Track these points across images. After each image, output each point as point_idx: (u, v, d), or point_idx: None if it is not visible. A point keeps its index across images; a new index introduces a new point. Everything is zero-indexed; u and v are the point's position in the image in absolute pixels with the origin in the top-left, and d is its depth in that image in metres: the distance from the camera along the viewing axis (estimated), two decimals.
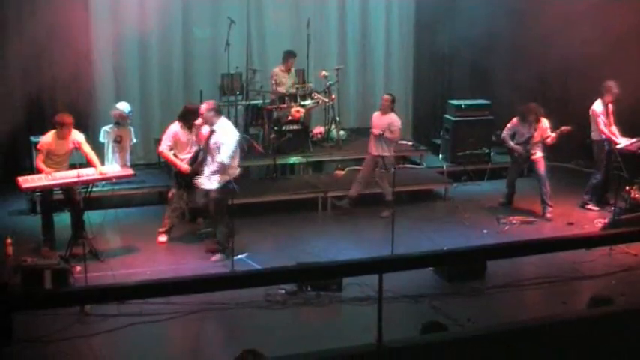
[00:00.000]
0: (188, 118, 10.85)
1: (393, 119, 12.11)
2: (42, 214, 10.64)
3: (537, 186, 12.24)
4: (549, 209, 12.14)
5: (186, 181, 10.76)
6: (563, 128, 12.00)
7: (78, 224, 10.17)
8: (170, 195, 10.96)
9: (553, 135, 12.03)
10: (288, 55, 13.84)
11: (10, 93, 12.73)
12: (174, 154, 10.78)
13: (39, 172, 10.16)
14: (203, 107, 10.33)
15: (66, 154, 10.36)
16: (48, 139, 10.29)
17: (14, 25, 12.76)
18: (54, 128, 10.31)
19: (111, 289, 4.65)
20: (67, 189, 10.38)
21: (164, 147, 10.82)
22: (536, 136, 12.17)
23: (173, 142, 10.79)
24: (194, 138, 10.79)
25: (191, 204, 11.16)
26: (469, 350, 4.98)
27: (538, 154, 12.29)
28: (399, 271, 5.00)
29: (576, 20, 12.79)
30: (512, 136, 12.41)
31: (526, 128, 12.26)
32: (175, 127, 10.84)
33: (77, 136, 10.42)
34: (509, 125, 12.46)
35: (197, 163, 10.72)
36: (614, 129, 12.28)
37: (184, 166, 10.70)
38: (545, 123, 12.17)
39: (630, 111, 12.39)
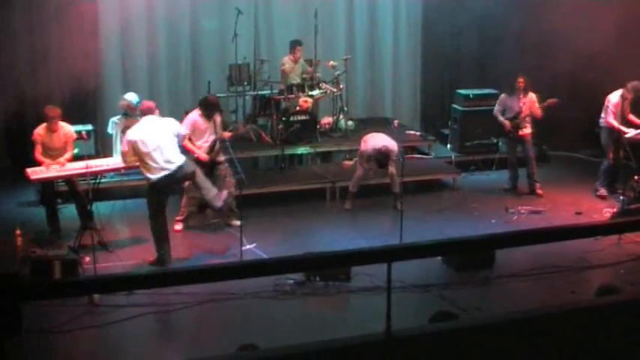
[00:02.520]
0: (208, 109, 10.85)
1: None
2: (45, 205, 10.67)
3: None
4: (537, 184, 12.45)
5: (204, 170, 10.77)
6: (550, 100, 12.17)
7: (84, 215, 10.18)
8: (187, 184, 10.91)
9: (539, 106, 12.23)
10: (296, 44, 13.82)
11: (18, 84, 12.74)
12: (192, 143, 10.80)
13: (39, 164, 10.20)
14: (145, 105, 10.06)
15: (60, 148, 10.41)
16: (40, 130, 10.39)
17: (22, 17, 12.77)
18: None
19: (119, 278, 4.66)
20: (69, 181, 10.43)
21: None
22: (525, 110, 12.30)
23: (192, 130, 10.76)
24: (211, 126, 10.81)
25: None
26: (477, 339, 4.98)
27: (527, 130, 12.47)
28: (407, 260, 4.99)
29: (586, 10, 12.73)
30: (503, 112, 12.59)
31: (514, 102, 12.44)
32: (194, 116, 10.83)
33: (69, 130, 10.53)
34: (498, 101, 12.72)
35: (214, 151, 10.76)
36: (632, 117, 12.28)
37: (203, 155, 10.71)
38: (533, 97, 12.35)
39: None
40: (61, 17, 12.80)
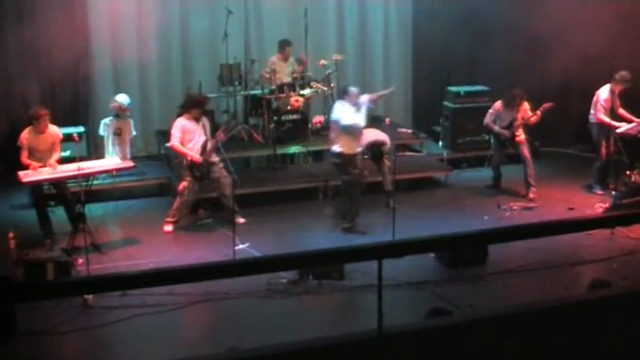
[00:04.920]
0: (195, 106, 10.91)
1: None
2: (35, 208, 10.63)
3: (522, 168, 12.34)
4: (533, 189, 12.25)
5: (200, 172, 10.79)
6: (545, 105, 12.01)
7: (74, 218, 10.15)
8: (181, 187, 10.94)
9: (538, 112, 12.05)
10: (284, 44, 13.84)
11: (10, 86, 12.73)
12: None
13: (26, 167, 10.17)
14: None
15: (47, 150, 10.39)
16: (26, 134, 10.36)
17: (13, 18, 12.75)
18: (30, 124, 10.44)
19: (111, 278, 4.66)
20: (57, 184, 10.40)
21: (175, 141, 10.86)
22: (519, 118, 12.24)
23: (182, 134, 10.83)
24: (200, 128, 10.85)
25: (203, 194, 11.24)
26: (469, 335, 4.98)
27: (522, 136, 12.40)
28: (398, 257, 4.99)
29: (577, 5, 12.76)
30: (494, 121, 12.51)
31: (508, 112, 12.34)
32: (182, 121, 10.93)
33: (56, 132, 10.56)
34: (491, 111, 12.55)
35: (207, 152, 10.78)
36: (622, 111, 12.29)
37: (197, 157, 10.75)
38: (525, 105, 12.26)
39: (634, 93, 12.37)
40: (51, 19, 12.78)
